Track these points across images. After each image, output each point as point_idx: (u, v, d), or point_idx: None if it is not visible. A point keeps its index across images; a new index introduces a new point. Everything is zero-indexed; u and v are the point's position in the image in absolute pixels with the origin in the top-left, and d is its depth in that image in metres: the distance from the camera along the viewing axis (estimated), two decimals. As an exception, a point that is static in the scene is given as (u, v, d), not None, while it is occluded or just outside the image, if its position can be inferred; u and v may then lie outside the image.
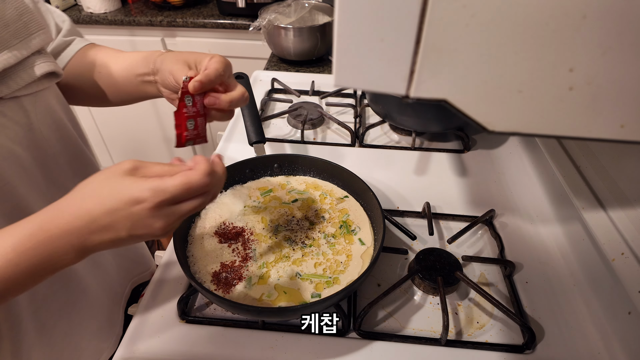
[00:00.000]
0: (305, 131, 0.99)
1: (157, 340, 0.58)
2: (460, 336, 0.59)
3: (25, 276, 0.40)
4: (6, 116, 0.48)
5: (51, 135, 0.55)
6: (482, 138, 0.99)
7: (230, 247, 0.64)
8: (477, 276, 0.67)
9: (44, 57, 0.50)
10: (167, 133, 2.06)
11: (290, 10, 1.39)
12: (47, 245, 0.39)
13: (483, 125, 0.33)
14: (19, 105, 0.49)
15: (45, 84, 0.52)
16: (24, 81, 0.48)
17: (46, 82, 0.52)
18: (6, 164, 0.48)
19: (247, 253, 0.63)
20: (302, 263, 0.62)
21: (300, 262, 0.62)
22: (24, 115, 0.50)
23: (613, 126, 0.32)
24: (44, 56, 0.50)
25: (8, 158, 0.48)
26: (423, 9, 0.28)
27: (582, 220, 0.66)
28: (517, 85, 0.31)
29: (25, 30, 0.47)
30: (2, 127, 0.47)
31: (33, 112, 0.51)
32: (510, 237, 0.74)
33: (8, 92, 0.46)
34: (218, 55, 0.52)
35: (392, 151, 0.95)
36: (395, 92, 0.33)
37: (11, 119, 0.48)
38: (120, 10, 1.76)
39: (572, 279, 0.67)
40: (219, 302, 0.54)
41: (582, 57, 0.29)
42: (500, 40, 0.29)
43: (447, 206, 0.80)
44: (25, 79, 0.48)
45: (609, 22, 0.27)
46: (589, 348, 0.58)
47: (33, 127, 0.51)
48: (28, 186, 0.52)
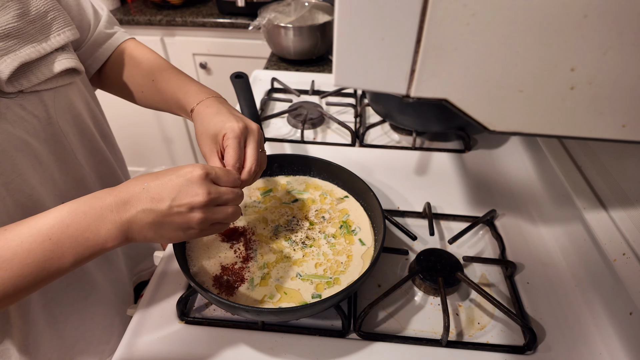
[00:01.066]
0: (305, 131, 0.98)
1: (157, 341, 0.58)
2: (461, 337, 0.59)
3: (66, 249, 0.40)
4: (26, 109, 0.49)
5: (69, 130, 0.56)
6: (483, 138, 0.98)
7: (232, 247, 0.64)
8: (478, 277, 0.67)
9: (66, 54, 0.52)
10: (166, 133, 2.06)
11: (290, 9, 1.39)
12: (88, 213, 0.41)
13: (484, 124, 0.33)
14: (39, 99, 0.50)
15: (66, 79, 0.53)
16: (44, 76, 0.49)
17: (67, 78, 0.53)
18: (21, 156, 0.49)
19: (249, 253, 0.63)
20: (303, 263, 0.62)
21: (301, 263, 0.62)
22: (43, 109, 0.51)
23: (614, 126, 0.31)
24: (66, 52, 0.52)
25: (23, 150, 0.49)
26: (424, 8, 0.28)
27: (584, 221, 0.66)
28: (518, 85, 0.30)
29: (50, 27, 0.49)
30: (20, 120, 0.49)
31: (52, 106, 0.52)
32: (511, 238, 0.73)
33: (28, 85, 0.48)
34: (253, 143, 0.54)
35: (393, 151, 0.94)
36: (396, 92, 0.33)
37: (30, 113, 0.50)
38: (119, 9, 1.76)
39: (574, 279, 0.66)
40: (218, 303, 0.54)
41: (583, 56, 0.28)
42: (501, 39, 0.28)
43: (448, 206, 0.80)
44: (46, 73, 0.49)
45: (610, 22, 0.27)
46: (590, 349, 0.58)
47: (52, 121, 0.53)
48: (42, 178, 0.54)
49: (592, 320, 0.61)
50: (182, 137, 2.07)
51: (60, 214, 0.41)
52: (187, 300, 0.61)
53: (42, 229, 0.40)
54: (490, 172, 0.89)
